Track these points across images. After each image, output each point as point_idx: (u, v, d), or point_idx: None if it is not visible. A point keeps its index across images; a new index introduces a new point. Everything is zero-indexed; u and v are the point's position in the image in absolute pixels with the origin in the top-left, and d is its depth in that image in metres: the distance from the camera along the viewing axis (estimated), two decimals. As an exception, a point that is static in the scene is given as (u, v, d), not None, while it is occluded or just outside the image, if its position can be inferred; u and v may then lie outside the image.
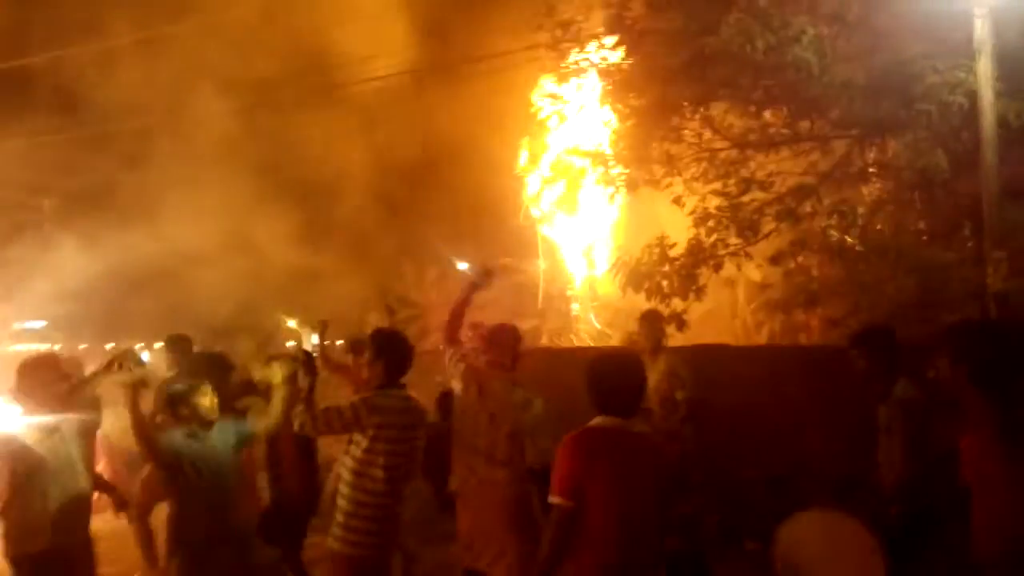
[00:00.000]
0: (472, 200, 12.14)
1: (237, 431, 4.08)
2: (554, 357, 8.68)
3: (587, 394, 3.05)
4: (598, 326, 11.72)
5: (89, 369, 5.23)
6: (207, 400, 3.96)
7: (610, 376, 3.07)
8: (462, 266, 14.28)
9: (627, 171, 8.92)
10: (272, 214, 12.49)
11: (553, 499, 2.94)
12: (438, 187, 11.86)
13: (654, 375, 5.24)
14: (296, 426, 3.79)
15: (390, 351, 3.92)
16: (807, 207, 7.84)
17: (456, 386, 4.28)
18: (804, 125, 7.91)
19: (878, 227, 8.34)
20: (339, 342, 8.26)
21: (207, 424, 3.95)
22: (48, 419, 4.04)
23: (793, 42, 6.70)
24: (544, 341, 11.94)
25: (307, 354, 4.72)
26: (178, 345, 5.94)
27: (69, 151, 14.53)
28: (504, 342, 4.37)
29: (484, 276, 4.44)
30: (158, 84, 12.74)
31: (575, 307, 12.20)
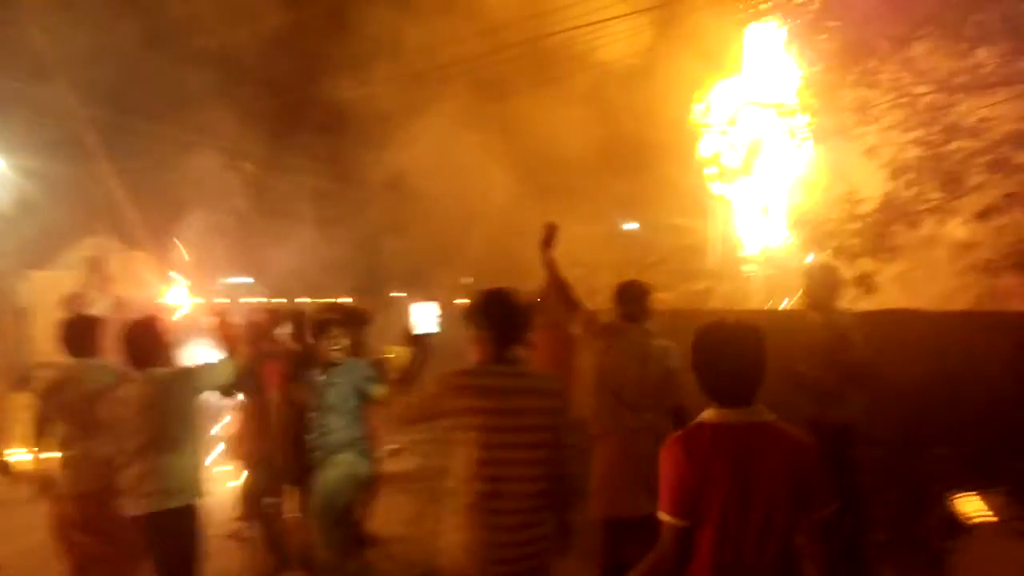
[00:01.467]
0: (640, 156, 11.77)
1: (365, 375, 4.54)
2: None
3: (695, 376, 2.53)
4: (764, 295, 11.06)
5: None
6: (331, 343, 4.51)
7: (718, 353, 2.50)
8: (630, 226, 14.03)
9: (814, 120, 8.33)
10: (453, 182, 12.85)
11: (662, 516, 2.49)
12: (603, 145, 11.60)
13: (815, 334, 4.79)
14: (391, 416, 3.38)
15: (491, 316, 3.12)
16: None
17: (596, 344, 4.38)
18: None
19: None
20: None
21: (330, 365, 4.51)
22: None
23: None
24: (716, 304, 11.47)
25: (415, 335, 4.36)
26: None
27: (271, 119, 15.72)
28: (632, 296, 4.46)
29: (547, 235, 4.39)
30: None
31: (750, 269, 11.56)
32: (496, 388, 3.03)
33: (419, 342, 3.49)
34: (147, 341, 3.97)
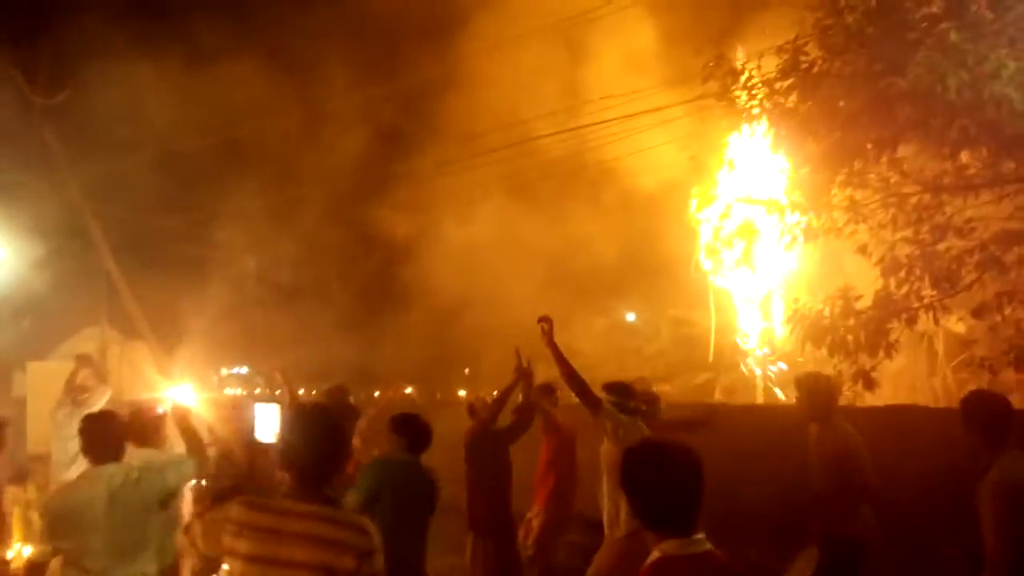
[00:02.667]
0: (641, 250, 12.04)
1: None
2: (725, 415, 8.32)
3: (629, 501, 2.31)
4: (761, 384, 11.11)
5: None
6: None
7: (655, 477, 2.22)
8: (630, 316, 14.18)
9: (805, 218, 8.53)
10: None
11: None
12: (605, 238, 11.89)
13: (821, 448, 4.77)
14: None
15: (295, 439, 2.48)
16: (1014, 254, 7.10)
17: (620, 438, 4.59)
18: (1007, 166, 7.22)
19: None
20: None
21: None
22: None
23: (991, 78, 6.18)
24: (717, 396, 11.51)
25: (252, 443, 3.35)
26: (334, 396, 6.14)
27: (272, 212, 16.07)
28: (627, 391, 4.91)
29: (545, 330, 4.95)
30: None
31: (750, 362, 11.64)
32: (272, 530, 2.33)
33: (257, 453, 2.94)
34: (104, 435, 3.84)
